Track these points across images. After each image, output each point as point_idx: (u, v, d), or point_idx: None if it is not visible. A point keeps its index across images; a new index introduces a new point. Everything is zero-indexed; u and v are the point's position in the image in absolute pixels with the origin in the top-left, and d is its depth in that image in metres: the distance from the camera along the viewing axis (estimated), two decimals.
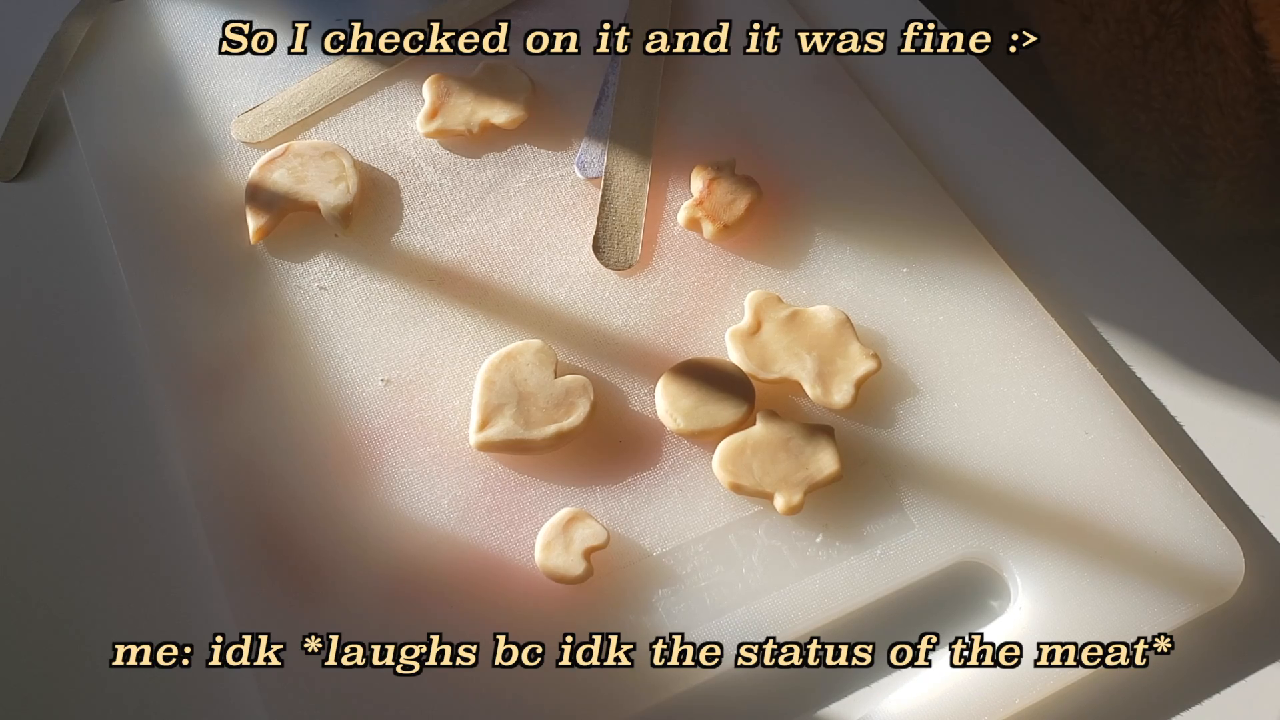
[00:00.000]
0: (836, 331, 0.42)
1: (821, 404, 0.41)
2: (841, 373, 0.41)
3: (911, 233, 0.46)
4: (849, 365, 0.41)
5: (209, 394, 0.42)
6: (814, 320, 0.43)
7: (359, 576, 0.38)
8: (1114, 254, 0.47)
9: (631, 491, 0.40)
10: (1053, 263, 0.46)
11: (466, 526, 0.39)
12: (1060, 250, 0.47)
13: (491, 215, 0.47)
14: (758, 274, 0.45)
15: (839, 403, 0.41)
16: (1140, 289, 0.46)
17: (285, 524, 0.39)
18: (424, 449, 0.41)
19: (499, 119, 0.49)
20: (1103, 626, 0.37)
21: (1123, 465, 0.40)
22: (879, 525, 0.39)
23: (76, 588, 0.39)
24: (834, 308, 0.43)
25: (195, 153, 0.49)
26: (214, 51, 0.52)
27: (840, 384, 0.41)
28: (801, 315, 0.43)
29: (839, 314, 0.43)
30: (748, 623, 0.37)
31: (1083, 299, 0.45)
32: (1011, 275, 0.44)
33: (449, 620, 0.37)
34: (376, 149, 0.49)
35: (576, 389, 0.41)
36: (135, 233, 0.46)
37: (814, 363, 0.41)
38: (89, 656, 0.38)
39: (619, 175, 0.47)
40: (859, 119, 0.49)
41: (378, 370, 0.43)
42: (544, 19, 0.54)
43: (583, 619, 0.37)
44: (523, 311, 0.44)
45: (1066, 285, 0.46)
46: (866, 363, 0.41)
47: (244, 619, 0.37)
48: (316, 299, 0.44)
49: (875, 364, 0.41)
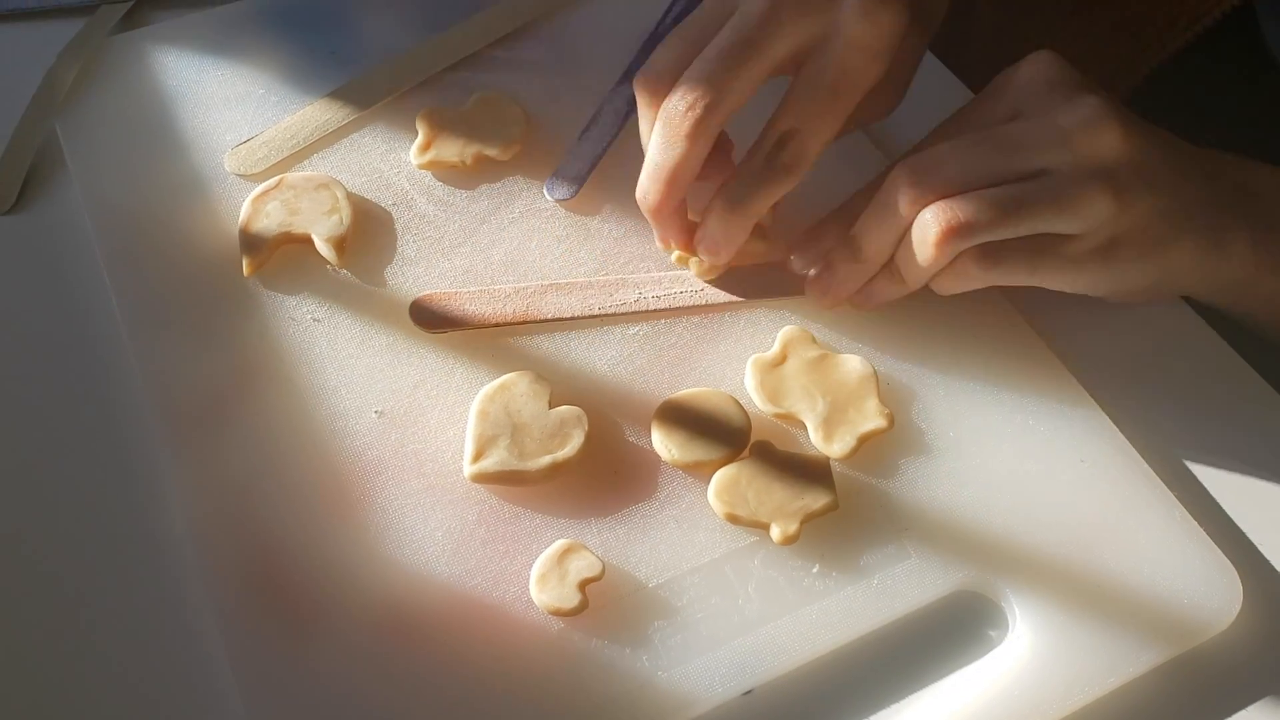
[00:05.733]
0: (859, 382, 0.42)
1: (821, 450, 0.41)
2: (849, 424, 0.41)
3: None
4: (860, 418, 0.41)
5: (202, 426, 0.42)
6: (840, 367, 0.42)
7: (352, 608, 0.38)
8: None
9: (626, 523, 0.40)
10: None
11: (460, 559, 0.39)
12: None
13: (485, 246, 0.47)
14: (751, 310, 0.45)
15: (837, 453, 0.40)
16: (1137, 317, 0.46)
17: (278, 556, 0.39)
18: (418, 480, 0.41)
19: (492, 151, 0.49)
20: (1102, 654, 0.37)
21: (1119, 493, 0.40)
22: (875, 555, 0.39)
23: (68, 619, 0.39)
24: (864, 359, 0.43)
25: (189, 185, 0.49)
26: (207, 85, 0.52)
27: (844, 435, 0.41)
28: (830, 360, 0.43)
29: (867, 366, 0.42)
30: (745, 654, 0.37)
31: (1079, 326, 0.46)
32: (1008, 305, 0.45)
33: (443, 653, 0.37)
34: (370, 181, 0.49)
35: (571, 420, 0.41)
36: (128, 265, 0.46)
37: (825, 408, 0.41)
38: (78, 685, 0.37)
39: None
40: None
41: (371, 402, 0.42)
42: (537, 51, 0.54)
43: (578, 652, 0.37)
44: (517, 342, 0.44)
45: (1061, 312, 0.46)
46: (877, 420, 0.41)
47: (237, 652, 0.37)
48: (310, 331, 0.44)
49: (887, 423, 0.41)
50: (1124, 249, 0.40)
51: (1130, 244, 0.40)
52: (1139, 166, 0.39)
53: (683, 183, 0.42)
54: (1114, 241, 0.40)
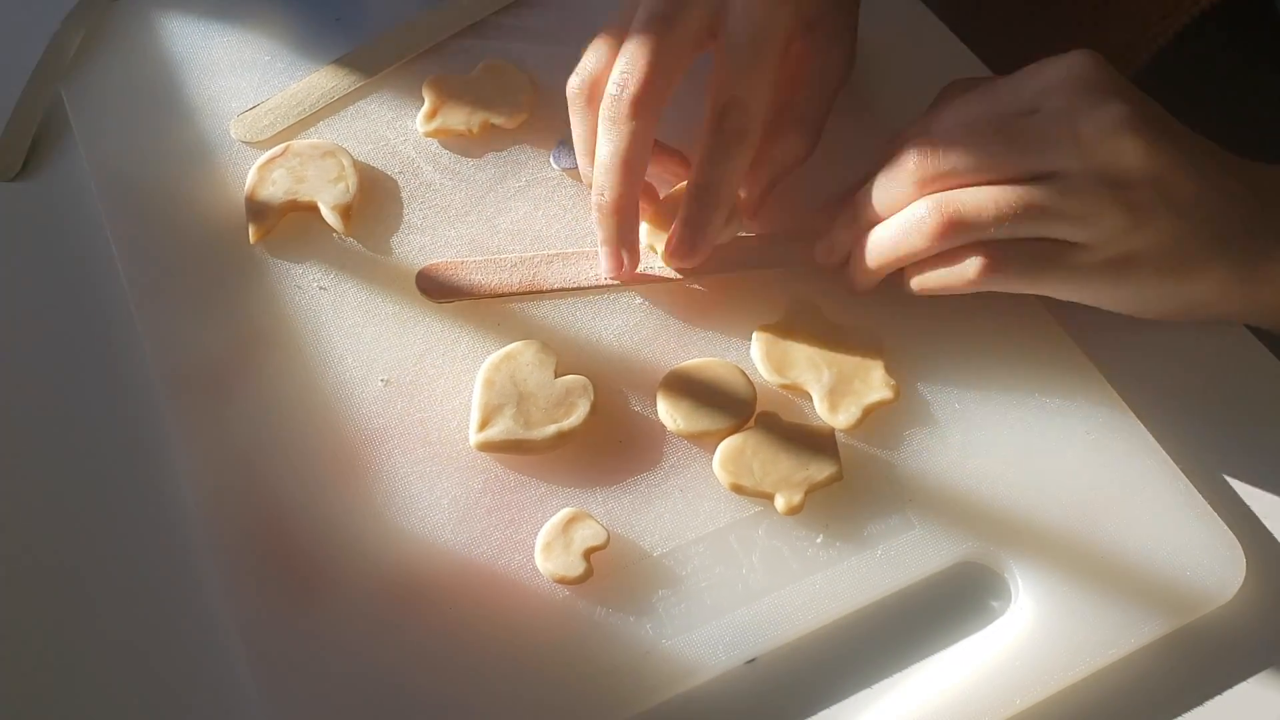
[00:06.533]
0: (865, 354, 0.42)
1: (825, 421, 0.41)
2: (854, 395, 0.41)
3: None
4: (865, 389, 0.41)
5: (208, 394, 0.42)
6: (846, 338, 0.42)
7: (358, 576, 0.38)
8: None
9: (632, 492, 0.40)
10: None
11: (466, 527, 0.39)
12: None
13: (491, 215, 0.47)
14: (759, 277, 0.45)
15: (842, 423, 0.40)
16: None
17: (284, 524, 0.39)
18: (423, 449, 0.41)
19: (499, 119, 0.49)
20: (1104, 626, 0.37)
21: (1123, 465, 0.40)
22: (880, 526, 0.39)
23: (73, 587, 0.39)
24: (870, 331, 0.42)
25: (194, 152, 0.49)
26: (213, 51, 0.52)
27: (849, 405, 0.41)
28: (836, 331, 0.43)
29: (873, 338, 0.42)
30: (748, 624, 0.37)
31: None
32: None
33: (449, 620, 0.37)
34: (376, 148, 0.49)
35: (577, 389, 0.41)
36: (134, 232, 0.46)
37: (830, 378, 0.41)
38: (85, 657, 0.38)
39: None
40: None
41: (377, 370, 0.42)
42: (544, 18, 0.54)
43: (582, 620, 0.37)
44: (522, 311, 0.44)
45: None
46: (883, 391, 0.41)
47: (242, 620, 0.37)
48: (316, 299, 0.44)
49: (892, 394, 0.41)
50: (1140, 268, 0.39)
51: (1147, 263, 0.39)
52: (1163, 184, 0.38)
53: (638, 169, 0.41)
54: (1128, 258, 0.39)
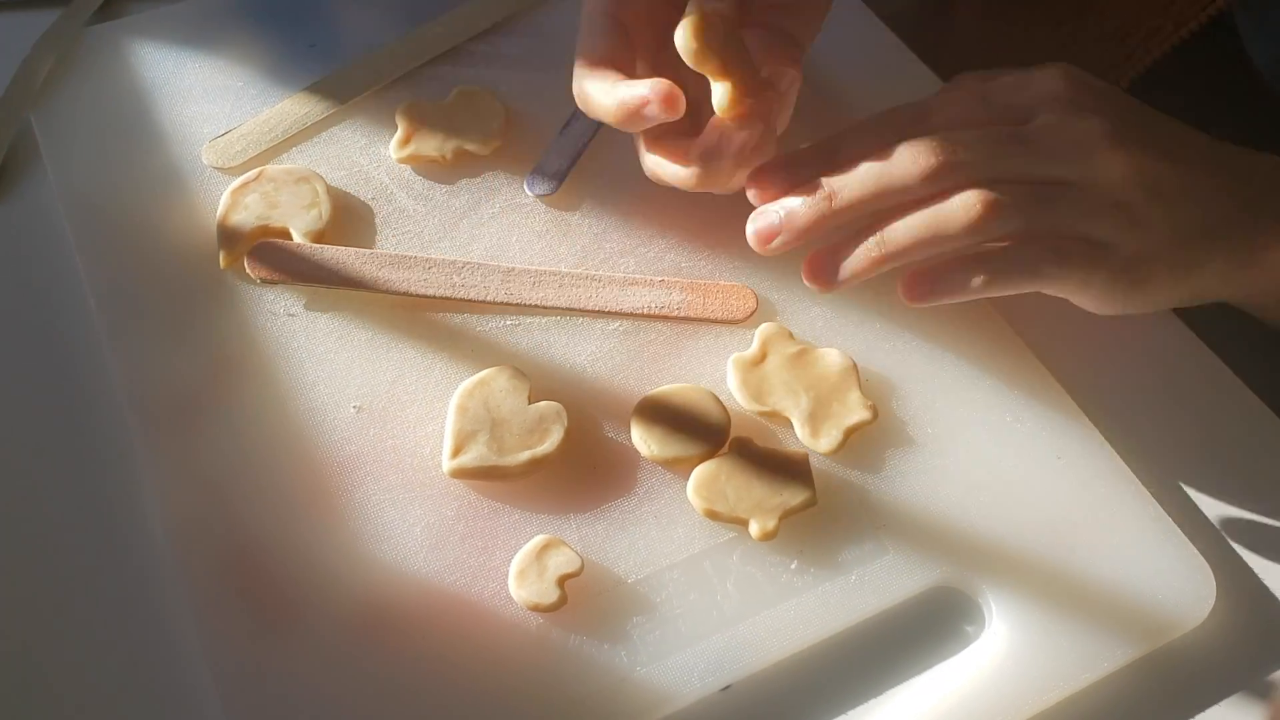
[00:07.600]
0: (840, 376, 0.42)
1: (807, 445, 0.41)
2: (834, 418, 0.41)
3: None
4: (844, 411, 0.41)
5: (178, 421, 0.41)
6: (820, 361, 0.42)
7: (330, 605, 0.38)
8: None
9: (606, 518, 0.40)
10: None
11: (439, 554, 0.39)
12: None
13: (465, 241, 0.47)
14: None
15: (825, 447, 0.40)
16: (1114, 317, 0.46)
17: (255, 552, 0.39)
18: (396, 476, 0.40)
19: (472, 145, 0.49)
20: (1077, 650, 0.37)
21: (1095, 490, 0.41)
22: (854, 551, 0.39)
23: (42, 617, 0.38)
24: (844, 352, 0.43)
25: (166, 178, 0.48)
26: (185, 77, 0.52)
27: (829, 429, 0.41)
28: (809, 354, 0.43)
29: (846, 359, 0.42)
30: (723, 650, 0.37)
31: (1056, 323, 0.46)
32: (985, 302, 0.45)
33: (421, 649, 0.37)
34: (350, 174, 0.49)
35: (550, 415, 0.41)
36: (103, 259, 0.46)
37: (809, 403, 0.41)
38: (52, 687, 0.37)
39: None
40: None
41: (349, 397, 0.42)
42: (518, 45, 0.54)
43: (557, 647, 0.37)
44: (496, 337, 0.44)
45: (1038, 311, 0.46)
46: (862, 413, 0.41)
47: (213, 650, 0.36)
48: (287, 325, 0.44)
49: (871, 415, 0.41)
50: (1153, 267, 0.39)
51: (1158, 264, 0.39)
52: (1151, 188, 0.38)
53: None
54: (1139, 260, 0.39)
